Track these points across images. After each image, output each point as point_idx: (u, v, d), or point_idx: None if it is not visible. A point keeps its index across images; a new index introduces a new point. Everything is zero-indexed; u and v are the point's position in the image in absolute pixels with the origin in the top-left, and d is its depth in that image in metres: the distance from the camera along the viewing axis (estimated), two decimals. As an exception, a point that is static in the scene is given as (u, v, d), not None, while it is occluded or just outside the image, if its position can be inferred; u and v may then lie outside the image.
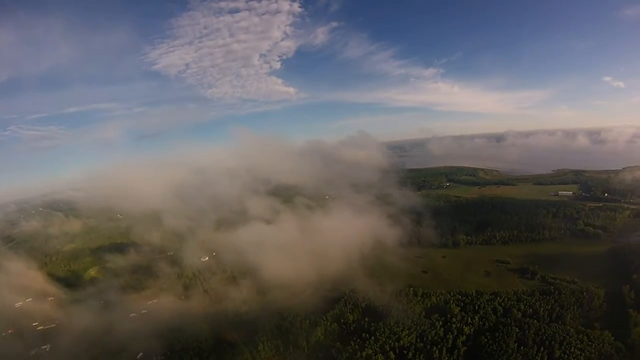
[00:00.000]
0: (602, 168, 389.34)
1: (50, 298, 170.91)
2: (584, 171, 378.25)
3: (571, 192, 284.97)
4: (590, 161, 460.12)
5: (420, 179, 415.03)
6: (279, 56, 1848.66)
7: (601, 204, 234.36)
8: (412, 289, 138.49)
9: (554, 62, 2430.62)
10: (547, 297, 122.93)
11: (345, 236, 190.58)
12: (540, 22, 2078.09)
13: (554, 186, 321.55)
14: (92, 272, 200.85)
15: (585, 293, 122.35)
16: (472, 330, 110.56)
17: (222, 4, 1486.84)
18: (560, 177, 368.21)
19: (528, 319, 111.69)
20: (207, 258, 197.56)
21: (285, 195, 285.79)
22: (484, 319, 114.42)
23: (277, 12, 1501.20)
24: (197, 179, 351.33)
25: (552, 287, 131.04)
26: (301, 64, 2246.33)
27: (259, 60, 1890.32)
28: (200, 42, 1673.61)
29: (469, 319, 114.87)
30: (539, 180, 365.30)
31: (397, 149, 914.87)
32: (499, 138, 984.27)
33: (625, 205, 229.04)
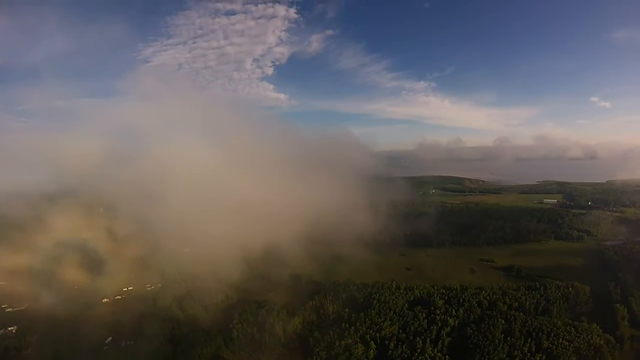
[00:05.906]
0: (586, 181, 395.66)
1: (22, 282, 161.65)
2: (568, 183, 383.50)
3: (555, 200, 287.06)
4: (576, 175, 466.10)
5: (407, 186, 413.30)
6: (272, 62, 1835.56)
7: (585, 211, 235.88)
8: (394, 282, 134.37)
9: (542, 81, 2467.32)
10: (533, 292, 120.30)
11: (321, 234, 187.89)
12: (530, 42, 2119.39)
13: (539, 195, 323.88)
14: (69, 259, 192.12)
15: (571, 289, 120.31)
16: (456, 322, 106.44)
17: (219, 5, 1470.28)
18: (545, 188, 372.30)
19: (514, 311, 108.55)
20: (187, 249, 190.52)
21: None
22: (468, 312, 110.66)
23: (273, 17, 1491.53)
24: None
25: (537, 283, 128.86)
26: (294, 71, 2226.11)
27: (251, 64, 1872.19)
28: (194, 43, 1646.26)
29: (454, 311, 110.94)
30: (524, 190, 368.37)
31: (385, 159, 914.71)
32: (487, 149, 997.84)
33: (609, 213, 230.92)
